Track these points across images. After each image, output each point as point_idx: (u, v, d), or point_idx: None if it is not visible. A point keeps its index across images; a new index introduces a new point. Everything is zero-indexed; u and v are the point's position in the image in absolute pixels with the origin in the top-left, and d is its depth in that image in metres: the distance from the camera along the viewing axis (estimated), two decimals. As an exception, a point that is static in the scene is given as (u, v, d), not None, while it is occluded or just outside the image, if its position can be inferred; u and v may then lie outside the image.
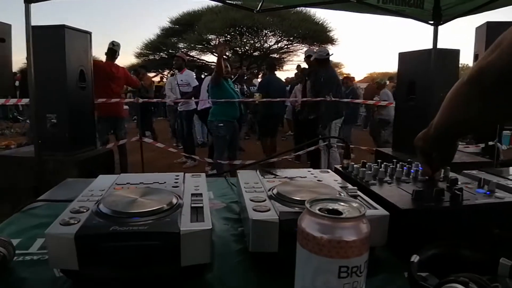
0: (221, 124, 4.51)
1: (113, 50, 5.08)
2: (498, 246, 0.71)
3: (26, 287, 0.65)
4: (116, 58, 5.13)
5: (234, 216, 0.96)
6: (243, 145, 7.58)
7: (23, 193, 3.70)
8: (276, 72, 7.73)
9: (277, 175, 0.96)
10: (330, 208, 0.45)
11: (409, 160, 1.07)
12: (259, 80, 11.23)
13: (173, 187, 0.82)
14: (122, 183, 0.85)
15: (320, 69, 5.30)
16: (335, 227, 0.41)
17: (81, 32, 3.92)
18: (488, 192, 0.84)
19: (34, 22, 2.96)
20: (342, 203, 0.47)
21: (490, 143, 4.73)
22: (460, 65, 3.98)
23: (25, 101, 4.98)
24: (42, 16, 2.77)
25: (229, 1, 3.23)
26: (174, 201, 0.70)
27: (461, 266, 0.56)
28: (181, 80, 6.31)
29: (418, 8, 3.21)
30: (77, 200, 0.73)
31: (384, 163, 1.04)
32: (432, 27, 3.34)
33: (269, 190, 0.81)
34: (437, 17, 3.21)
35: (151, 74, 13.65)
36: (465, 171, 1.10)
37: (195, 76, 6.84)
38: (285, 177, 0.94)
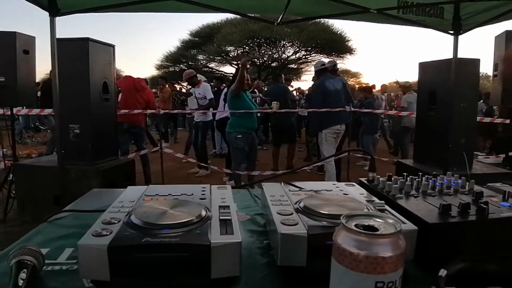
0: (240, 136, 4.51)
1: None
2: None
3: (56, 296, 0.67)
4: None
5: (259, 229, 0.96)
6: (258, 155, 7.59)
7: (44, 202, 3.78)
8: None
9: (302, 188, 0.96)
10: (366, 224, 0.45)
11: (434, 173, 1.06)
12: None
13: (200, 199, 0.83)
14: (151, 195, 0.87)
15: (317, 79, 5.37)
16: (373, 244, 0.41)
17: (105, 45, 4.02)
18: (512, 205, 0.83)
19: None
20: (377, 219, 0.47)
21: (511, 154, 4.62)
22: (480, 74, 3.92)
23: (47, 111, 5.14)
24: (64, 28, 2.87)
25: (250, 14, 3.26)
26: (203, 213, 0.71)
27: (488, 280, 0.55)
28: (199, 94, 6.44)
29: (438, 18, 3.18)
30: (108, 211, 0.75)
31: (410, 176, 1.03)
32: (452, 37, 3.30)
33: (295, 203, 0.81)
34: (457, 27, 3.17)
35: (177, 86, 13.91)
36: (490, 184, 1.08)
37: (215, 88, 6.96)
38: (311, 190, 0.94)
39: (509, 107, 4.60)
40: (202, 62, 21.10)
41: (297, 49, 19.87)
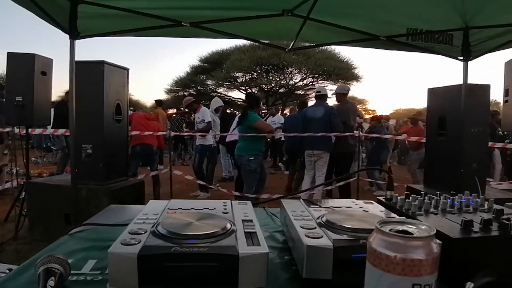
0: (252, 158, 4.60)
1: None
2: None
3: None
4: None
5: (279, 245, 0.96)
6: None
7: (55, 220, 3.80)
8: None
9: (322, 205, 0.97)
10: (400, 229, 0.46)
11: (452, 192, 1.06)
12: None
13: (223, 213, 0.84)
14: (174, 208, 0.88)
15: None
16: (409, 246, 0.42)
17: (120, 68, 4.13)
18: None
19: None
20: (410, 225, 0.48)
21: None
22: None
23: (61, 131, 5.24)
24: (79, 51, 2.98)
25: (262, 40, 3.35)
26: (228, 226, 0.72)
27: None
28: (198, 118, 6.57)
29: (447, 44, 3.22)
30: (133, 222, 0.76)
31: (429, 194, 1.03)
32: (461, 63, 3.34)
33: (317, 218, 0.82)
34: (467, 53, 3.21)
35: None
36: (508, 203, 1.08)
37: (221, 112, 7.12)
38: (330, 207, 0.95)
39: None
40: (211, 87, 21.45)
41: (304, 76, 20.16)
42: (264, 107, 17.81)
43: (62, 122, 7.31)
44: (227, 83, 20.58)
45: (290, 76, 20.00)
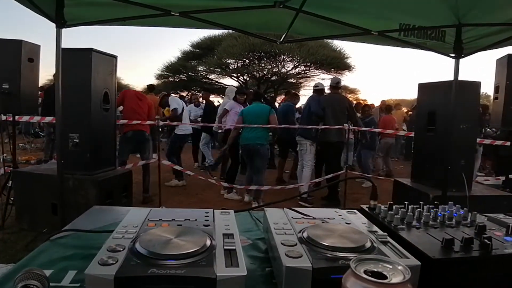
0: (269, 147, 5.20)
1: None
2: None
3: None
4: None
5: (261, 255, 0.96)
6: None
7: (42, 210, 3.76)
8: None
9: (305, 215, 0.96)
10: (375, 270, 0.46)
11: (435, 202, 1.07)
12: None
13: (204, 225, 0.84)
14: (155, 219, 0.87)
15: None
16: (382, 291, 0.42)
17: (107, 56, 4.05)
18: (516, 241, 0.83)
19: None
20: (386, 265, 0.47)
21: (511, 176, 4.64)
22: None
23: (48, 119, 5.15)
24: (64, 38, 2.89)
25: (253, 32, 3.30)
26: (208, 242, 0.72)
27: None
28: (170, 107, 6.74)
29: (439, 41, 3.21)
30: (112, 237, 0.75)
31: (411, 205, 1.03)
32: (452, 60, 3.34)
33: (299, 232, 0.82)
34: (459, 51, 3.21)
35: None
36: (492, 216, 1.08)
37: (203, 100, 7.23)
38: (313, 217, 0.95)
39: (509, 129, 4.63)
40: (202, 73, 21.20)
41: (297, 64, 20.03)
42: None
43: (51, 108, 7.19)
44: (219, 70, 20.34)
45: (282, 64, 19.84)
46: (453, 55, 3.27)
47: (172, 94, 10.35)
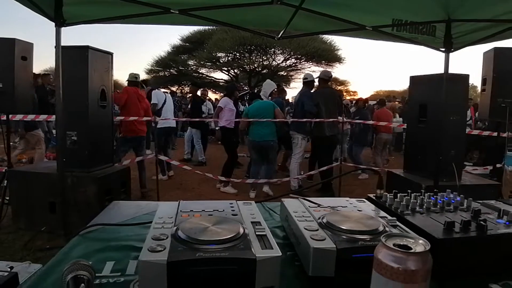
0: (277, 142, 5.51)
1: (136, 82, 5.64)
2: None
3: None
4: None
5: (280, 241, 1.04)
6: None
7: (39, 209, 3.77)
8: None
9: (320, 205, 1.05)
10: (401, 244, 0.55)
11: (435, 190, 1.17)
12: None
13: (232, 215, 0.92)
14: (187, 211, 0.95)
15: None
16: (409, 259, 0.52)
17: (104, 53, 4.07)
18: (507, 222, 0.95)
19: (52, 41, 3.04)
20: (409, 239, 0.57)
21: (498, 165, 4.80)
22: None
23: (42, 117, 5.14)
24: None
25: (251, 28, 3.37)
26: (241, 229, 0.80)
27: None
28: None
29: (430, 36, 3.32)
30: (153, 227, 0.83)
31: (414, 193, 1.13)
32: (443, 54, 3.46)
33: (318, 218, 0.91)
34: (448, 45, 3.33)
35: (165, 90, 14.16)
36: (485, 202, 1.19)
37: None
38: (328, 206, 1.04)
39: (496, 121, 4.78)
40: (192, 67, 21.16)
41: (287, 57, 20.13)
42: (246, 88, 17.77)
43: (42, 106, 7.13)
44: (209, 64, 20.34)
45: (273, 56, 19.94)
46: (443, 49, 3.39)
47: (162, 89, 10.30)
